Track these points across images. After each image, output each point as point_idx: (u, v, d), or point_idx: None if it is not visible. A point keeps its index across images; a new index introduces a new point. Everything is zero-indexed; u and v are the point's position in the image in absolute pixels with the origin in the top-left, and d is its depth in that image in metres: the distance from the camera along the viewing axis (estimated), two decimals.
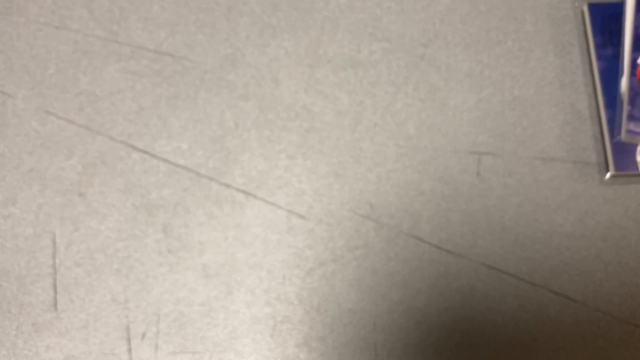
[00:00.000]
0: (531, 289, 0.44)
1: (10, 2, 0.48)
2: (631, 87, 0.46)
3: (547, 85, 0.47)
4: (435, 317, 0.43)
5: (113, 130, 0.46)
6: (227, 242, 0.44)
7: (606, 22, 0.48)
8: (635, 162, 0.45)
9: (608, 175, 0.45)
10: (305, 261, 0.44)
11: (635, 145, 0.45)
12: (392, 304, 0.44)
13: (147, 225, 0.45)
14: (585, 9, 0.49)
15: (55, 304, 0.43)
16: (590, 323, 0.43)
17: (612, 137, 0.46)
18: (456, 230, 0.45)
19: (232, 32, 0.48)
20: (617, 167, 0.45)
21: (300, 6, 0.49)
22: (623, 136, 0.45)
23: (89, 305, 0.43)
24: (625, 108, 0.45)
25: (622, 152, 0.45)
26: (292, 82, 0.47)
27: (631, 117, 0.45)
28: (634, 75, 0.46)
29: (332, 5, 0.49)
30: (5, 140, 0.46)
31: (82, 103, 0.47)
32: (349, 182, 0.46)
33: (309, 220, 0.45)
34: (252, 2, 0.49)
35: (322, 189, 0.45)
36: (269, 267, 0.44)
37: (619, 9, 0.48)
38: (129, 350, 0.43)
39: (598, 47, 0.48)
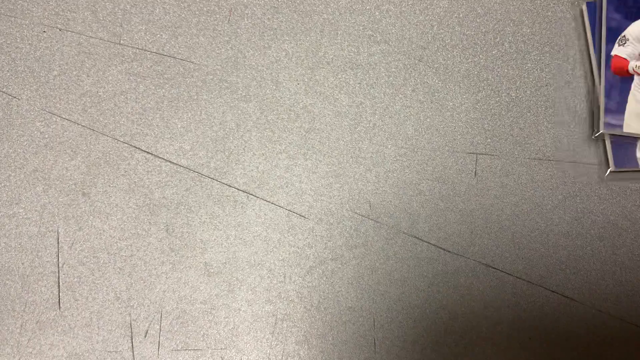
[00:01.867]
0: (528, 287, 0.44)
1: (14, 5, 0.49)
2: (607, 80, 0.46)
3: (543, 86, 0.48)
4: (433, 314, 0.44)
5: (116, 131, 0.47)
6: (228, 241, 0.45)
7: None
8: (635, 158, 0.45)
9: (608, 172, 0.46)
10: (306, 260, 0.45)
11: (636, 142, 0.45)
12: (391, 301, 0.44)
13: (150, 224, 0.45)
14: (584, 8, 0.49)
15: (59, 302, 0.44)
16: (586, 321, 0.44)
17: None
18: (454, 229, 0.45)
19: (233, 34, 0.49)
20: (617, 163, 0.45)
21: (301, 9, 0.49)
22: (602, 129, 0.45)
23: (92, 304, 0.44)
24: (602, 101, 0.45)
25: (622, 149, 0.46)
26: (292, 83, 0.48)
27: (608, 110, 0.45)
28: (609, 67, 0.46)
29: (332, 8, 0.49)
30: (9, 140, 0.46)
31: (85, 104, 0.47)
32: (348, 182, 0.46)
33: (309, 220, 0.45)
34: (253, 4, 0.49)
35: (322, 189, 0.46)
36: (270, 266, 0.45)
37: None
38: (132, 347, 0.43)
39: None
